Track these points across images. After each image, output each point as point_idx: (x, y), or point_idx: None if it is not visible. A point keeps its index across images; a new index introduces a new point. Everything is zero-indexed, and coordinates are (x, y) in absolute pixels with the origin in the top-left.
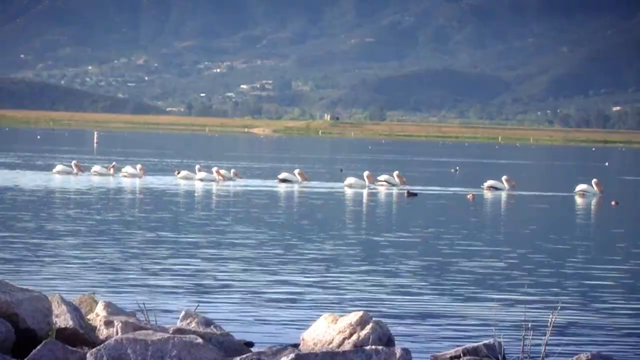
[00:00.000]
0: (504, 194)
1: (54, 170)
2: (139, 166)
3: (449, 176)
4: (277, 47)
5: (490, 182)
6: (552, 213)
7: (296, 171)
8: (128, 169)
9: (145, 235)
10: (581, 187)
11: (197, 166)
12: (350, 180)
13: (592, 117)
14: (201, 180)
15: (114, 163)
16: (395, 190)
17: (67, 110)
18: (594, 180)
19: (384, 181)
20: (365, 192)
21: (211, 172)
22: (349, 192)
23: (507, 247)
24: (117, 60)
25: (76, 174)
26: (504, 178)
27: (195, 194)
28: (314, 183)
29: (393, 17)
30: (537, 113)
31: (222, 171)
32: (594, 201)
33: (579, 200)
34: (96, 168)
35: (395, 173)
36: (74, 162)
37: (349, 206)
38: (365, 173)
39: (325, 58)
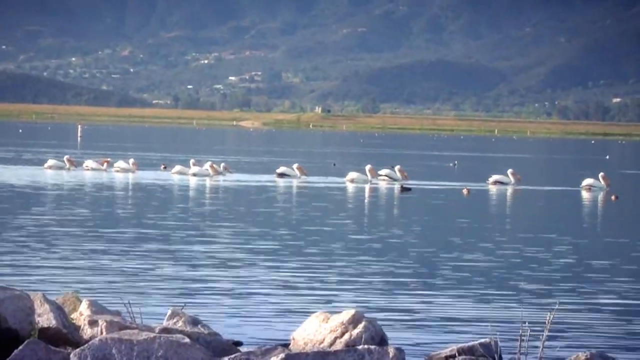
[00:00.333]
0: (509, 189)
1: (46, 165)
2: (131, 160)
3: (447, 170)
4: (266, 38)
5: (495, 177)
6: (552, 208)
7: (295, 165)
8: (120, 163)
9: (132, 232)
10: (588, 181)
11: (192, 160)
12: (353, 174)
13: (591, 109)
14: (194, 175)
15: (109, 158)
16: (396, 185)
17: (50, 103)
18: (601, 175)
19: (385, 176)
20: (367, 187)
21: (205, 167)
22: (350, 187)
23: (504, 243)
24: (101, 51)
25: (68, 168)
26: (509, 172)
27: (190, 190)
28: (313, 178)
29: (386, 7)
30: (535, 105)
31: (215, 166)
32: (600, 196)
33: (585, 194)
34: (89, 163)
35: (397, 167)
36: (66, 157)
37: (345, 201)
38: (368, 167)
39: (316, 49)
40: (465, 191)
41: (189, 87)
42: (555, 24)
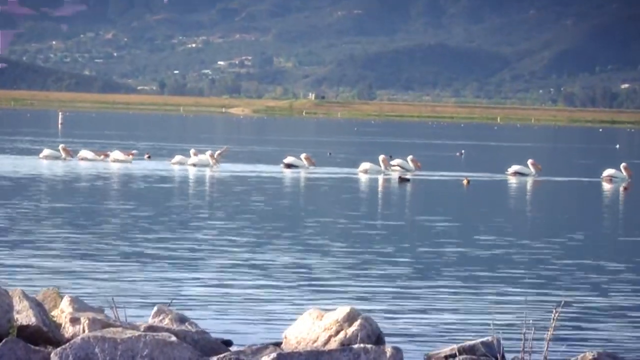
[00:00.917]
0: (529, 180)
1: (41, 155)
2: (134, 151)
3: (455, 160)
4: (257, 20)
5: (515, 167)
6: (565, 200)
7: (303, 155)
8: (117, 153)
9: (118, 225)
10: (609, 172)
11: (192, 150)
12: (366, 165)
13: (599, 95)
14: (194, 165)
15: (108, 152)
16: (408, 176)
17: (30, 88)
18: (622, 165)
19: (397, 166)
20: (380, 177)
21: (204, 156)
22: (363, 177)
23: (508, 237)
24: (83, 34)
25: (64, 158)
26: (529, 162)
27: (190, 180)
28: (323, 168)
29: None
30: (539, 91)
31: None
32: (622, 187)
33: (606, 186)
34: (84, 153)
35: (410, 157)
36: (61, 145)
37: (351, 193)
38: (381, 157)
39: (309, 32)
40: (465, 182)
41: (176, 72)
42: (560, 6)
